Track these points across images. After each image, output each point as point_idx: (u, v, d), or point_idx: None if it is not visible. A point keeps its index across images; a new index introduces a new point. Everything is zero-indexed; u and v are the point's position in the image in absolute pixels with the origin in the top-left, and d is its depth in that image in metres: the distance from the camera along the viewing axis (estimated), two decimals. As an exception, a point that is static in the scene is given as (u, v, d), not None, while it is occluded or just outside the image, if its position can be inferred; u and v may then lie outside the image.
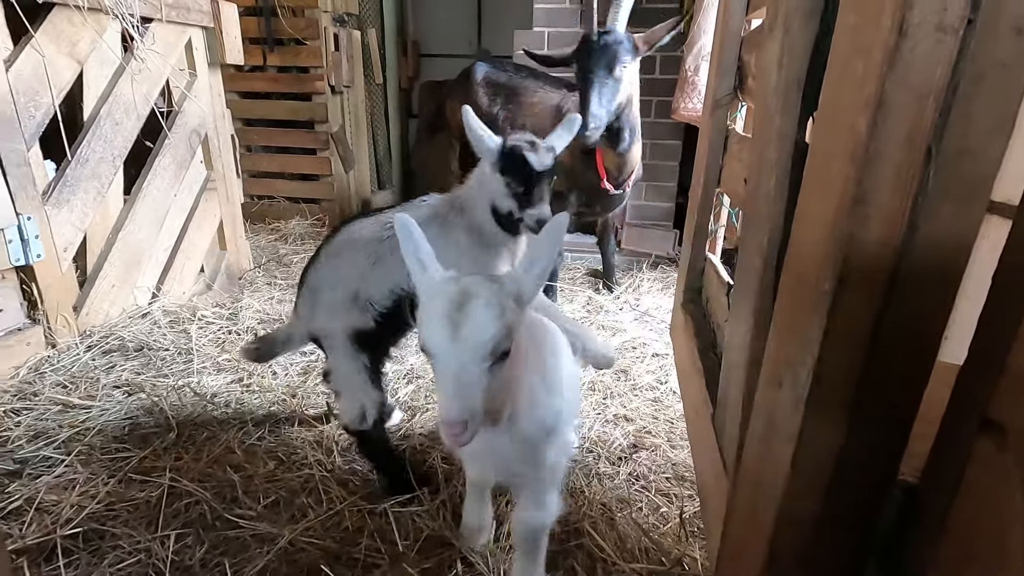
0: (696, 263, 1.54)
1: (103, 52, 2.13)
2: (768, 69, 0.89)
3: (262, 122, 4.05)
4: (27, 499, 1.36)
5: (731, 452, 0.85)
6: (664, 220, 3.46)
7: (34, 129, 1.90)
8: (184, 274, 2.59)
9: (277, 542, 1.27)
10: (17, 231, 1.85)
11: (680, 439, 1.72)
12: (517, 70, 2.78)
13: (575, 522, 1.35)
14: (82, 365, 1.96)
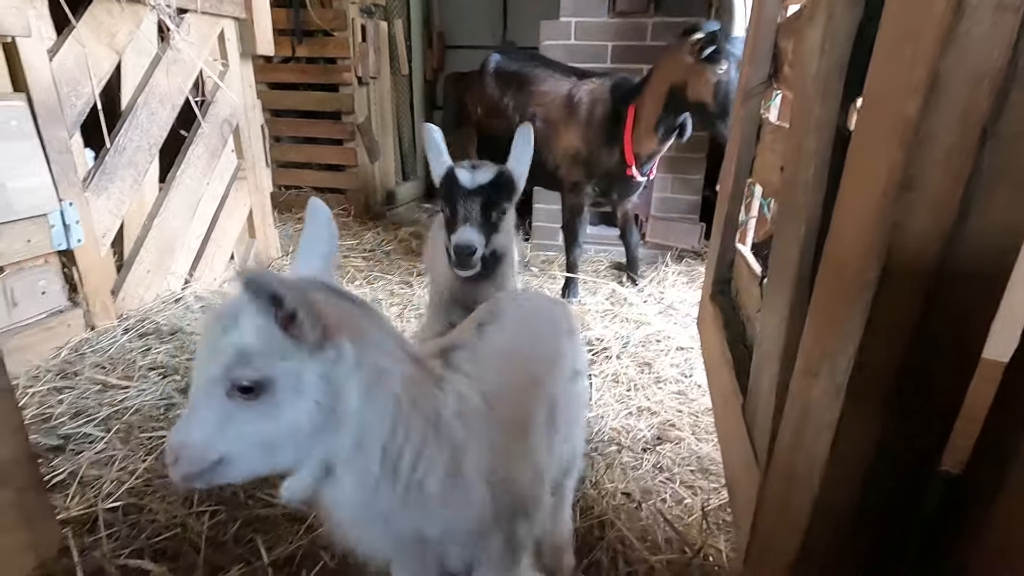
0: (725, 254, 1.52)
1: (140, 43, 2.18)
2: (808, 56, 0.88)
3: (290, 113, 4.11)
4: (71, 473, 1.42)
5: (762, 443, 0.84)
6: (690, 213, 3.41)
7: (75, 117, 1.96)
8: (215, 261, 2.65)
9: (306, 521, 1.30)
10: (59, 216, 1.91)
11: (705, 432, 1.71)
12: (529, 59, 2.77)
13: (599, 512, 1.36)
14: (119, 347, 2.03)
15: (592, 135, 2.49)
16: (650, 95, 2.34)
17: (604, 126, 2.46)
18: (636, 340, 2.26)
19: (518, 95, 2.69)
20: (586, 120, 2.51)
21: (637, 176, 2.51)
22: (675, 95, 2.27)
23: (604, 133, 2.46)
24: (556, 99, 2.60)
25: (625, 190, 2.63)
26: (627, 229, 2.91)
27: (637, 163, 2.48)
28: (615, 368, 2.05)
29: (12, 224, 1.77)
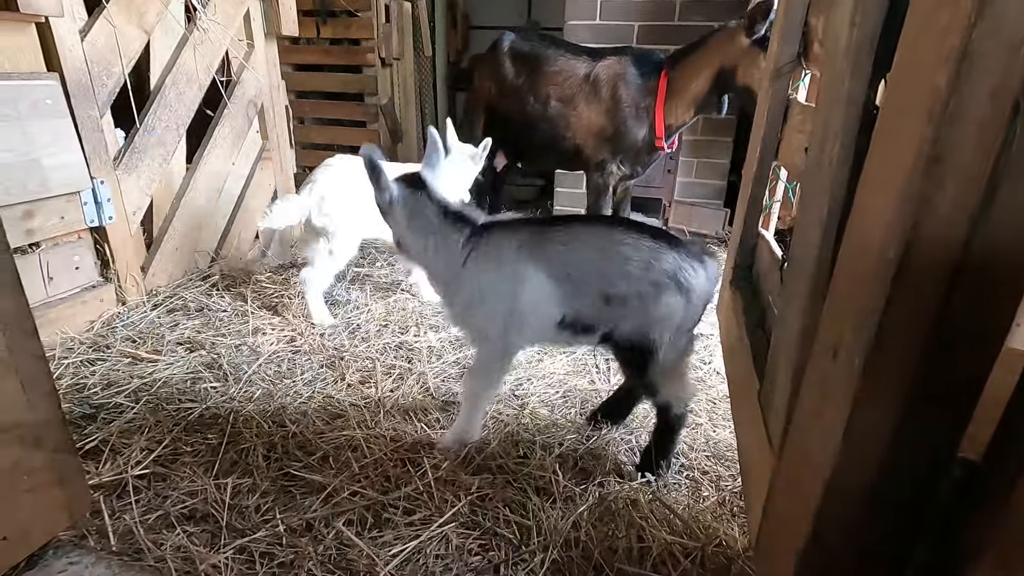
0: (747, 239, 1.49)
1: (168, 23, 2.21)
2: (838, 30, 0.84)
3: (314, 94, 4.13)
4: (102, 440, 1.47)
5: (777, 426, 0.83)
6: (714, 198, 3.35)
7: (106, 97, 2.01)
8: (240, 240, 2.70)
9: (325, 491, 1.34)
10: (91, 194, 1.97)
11: (722, 419, 1.69)
12: (542, 40, 2.74)
13: (614, 493, 1.36)
14: (149, 322, 2.09)
15: (618, 111, 2.47)
16: (694, 71, 2.34)
17: (632, 100, 2.45)
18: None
19: (532, 76, 2.67)
20: (610, 96, 2.49)
21: (665, 147, 2.49)
22: (724, 76, 2.27)
23: (632, 107, 2.44)
24: (573, 79, 2.58)
25: (648, 162, 2.61)
26: (623, 207, 2.88)
27: (667, 134, 2.46)
28: (633, 353, 2.04)
29: (47, 201, 1.83)
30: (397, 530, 1.25)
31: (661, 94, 2.40)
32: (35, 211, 1.81)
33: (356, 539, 1.20)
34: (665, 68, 2.40)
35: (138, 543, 1.17)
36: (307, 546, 1.18)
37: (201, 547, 1.18)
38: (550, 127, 2.65)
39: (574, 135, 2.62)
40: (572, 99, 2.57)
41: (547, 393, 1.81)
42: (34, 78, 1.76)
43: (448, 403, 1.74)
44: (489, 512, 1.30)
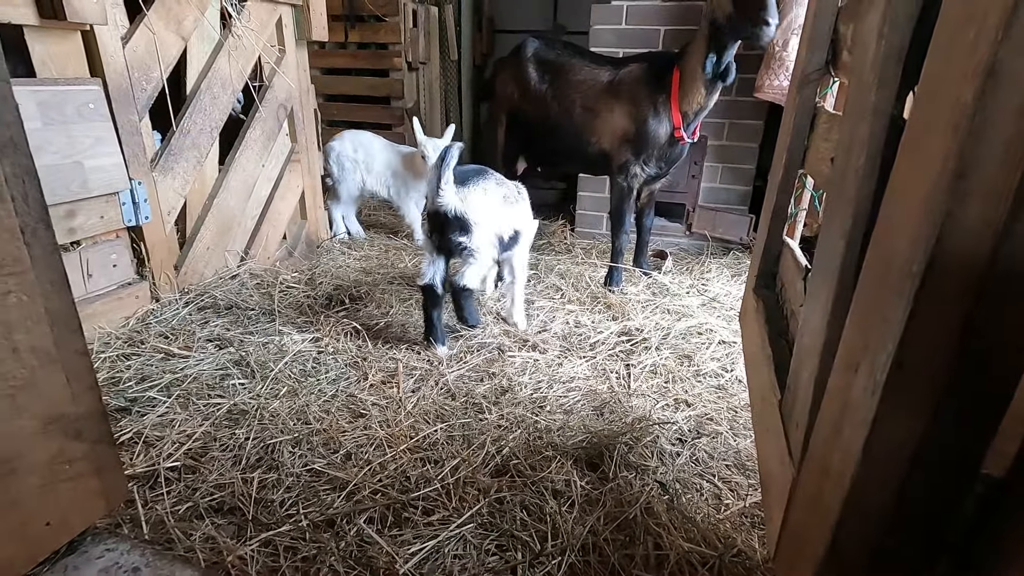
0: (772, 247, 1.47)
1: (204, 29, 2.28)
2: (867, 40, 0.84)
3: (342, 98, 4.21)
4: (136, 432, 1.53)
5: (798, 438, 0.83)
6: (739, 204, 3.31)
7: (145, 101, 2.08)
8: (269, 241, 2.77)
9: (347, 488, 1.37)
10: (129, 194, 2.04)
11: (744, 428, 1.68)
12: (566, 48, 2.75)
13: (634, 497, 1.36)
14: (181, 319, 2.16)
15: (639, 111, 2.49)
16: (693, 48, 2.35)
17: (650, 98, 2.46)
18: (677, 332, 2.23)
19: (556, 82, 2.69)
20: (631, 99, 2.51)
21: (684, 138, 2.48)
22: (714, 28, 2.23)
23: (651, 105, 2.46)
24: (597, 87, 2.61)
25: (672, 158, 2.60)
26: (647, 212, 2.86)
27: (684, 122, 2.46)
28: (654, 359, 2.04)
29: (88, 201, 1.91)
30: (416, 529, 1.27)
31: (675, 86, 2.41)
32: (77, 211, 1.89)
33: (377, 537, 1.23)
34: (676, 61, 2.41)
35: (169, 533, 1.22)
36: (329, 542, 1.21)
37: (228, 539, 1.22)
38: (574, 132, 2.66)
39: (599, 139, 2.63)
40: (596, 105, 2.59)
41: (566, 397, 1.82)
42: (78, 83, 1.84)
43: (469, 404, 1.76)
44: (507, 514, 1.32)
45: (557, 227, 3.68)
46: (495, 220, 2.00)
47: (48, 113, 1.74)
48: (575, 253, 3.23)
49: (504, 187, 2.10)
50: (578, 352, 2.11)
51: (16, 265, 0.78)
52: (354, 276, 2.72)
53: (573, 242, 3.44)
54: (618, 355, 2.09)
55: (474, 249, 1.96)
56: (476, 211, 1.94)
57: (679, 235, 3.45)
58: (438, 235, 1.94)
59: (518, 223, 2.13)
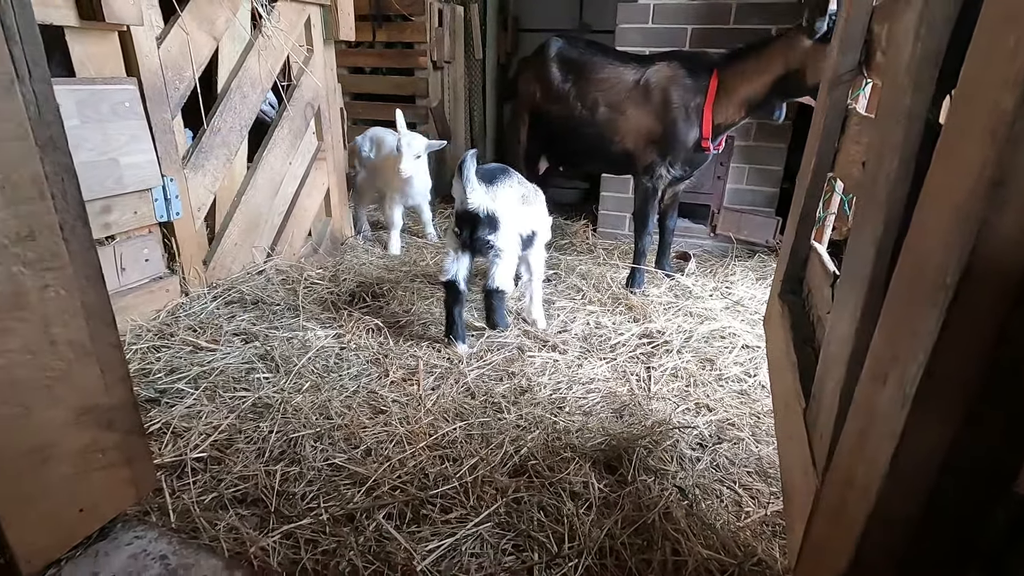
0: (799, 251, 1.45)
1: (235, 30, 2.33)
2: (902, 42, 0.82)
3: (367, 96, 4.25)
4: (165, 423, 1.57)
5: (822, 448, 0.81)
6: (766, 206, 3.26)
7: (177, 100, 2.14)
8: (294, 237, 2.82)
9: (367, 483, 1.39)
10: (162, 191, 2.10)
11: (766, 435, 1.65)
12: (589, 46, 2.73)
13: (653, 501, 1.35)
14: (209, 313, 2.21)
15: (668, 112, 2.46)
16: (749, 74, 2.30)
17: (682, 101, 2.43)
18: (699, 335, 2.21)
19: (580, 82, 2.67)
20: (661, 99, 2.47)
21: (711, 148, 2.45)
22: (788, 81, 2.22)
23: (682, 107, 2.43)
24: (622, 86, 2.57)
25: (697, 162, 2.57)
26: (670, 213, 2.83)
27: (714, 134, 2.43)
28: (675, 363, 2.02)
29: (123, 197, 1.97)
30: (434, 526, 1.28)
31: (711, 94, 2.37)
32: (112, 206, 1.95)
33: (395, 532, 1.24)
34: (717, 68, 2.36)
35: (195, 522, 1.25)
36: (349, 536, 1.23)
37: (251, 530, 1.25)
38: (597, 132, 2.64)
39: (623, 139, 2.60)
40: (621, 104, 2.56)
41: (585, 399, 1.81)
42: (115, 83, 1.90)
43: (488, 403, 1.76)
44: (524, 515, 1.32)
45: (579, 227, 3.66)
46: (518, 218, 2.03)
47: (85, 111, 1.80)
48: (597, 253, 3.21)
49: (523, 186, 2.13)
50: (598, 353, 2.10)
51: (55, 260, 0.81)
52: (377, 273, 2.75)
53: (595, 242, 3.42)
54: (639, 357, 2.08)
55: (501, 248, 1.99)
56: (504, 208, 1.97)
57: (703, 237, 3.40)
58: (468, 233, 1.96)
59: (535, 223, 2.16)
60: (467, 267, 2.04)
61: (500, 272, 2.02)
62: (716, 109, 2.37)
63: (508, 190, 2.02)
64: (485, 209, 1.94)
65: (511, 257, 2.04)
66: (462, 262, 2.02)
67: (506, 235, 1.99)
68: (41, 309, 0.81)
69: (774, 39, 2.25)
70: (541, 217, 2.23)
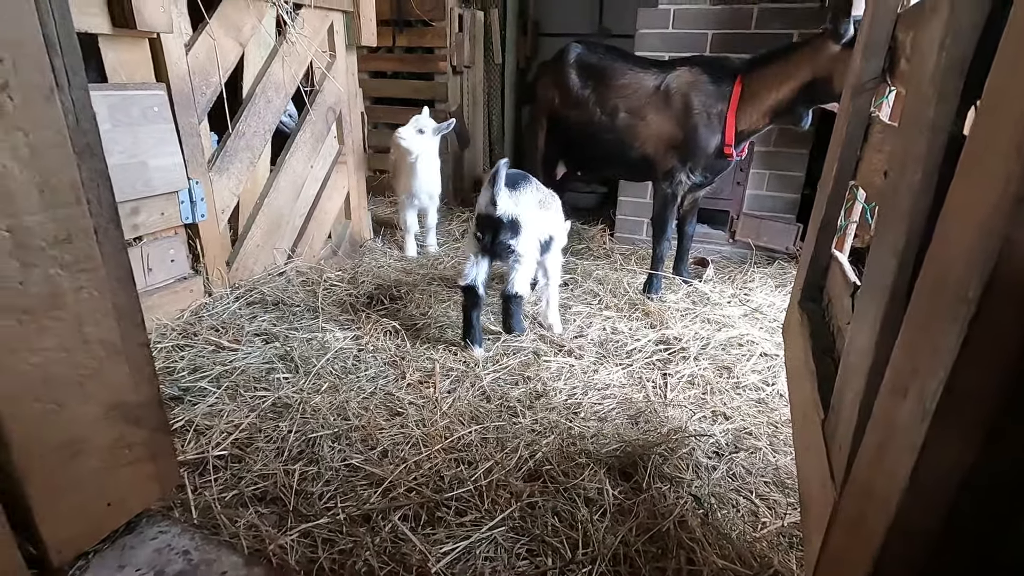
0: (819, 259, 1.43)
1: (261, 36, 2.38)
2: (927, 51, 0.81)
3: (388, 100, 4.30)
4: (188, 421, 1.61)
5: (840, 460, 0.81)
6: (786, 212, 3.22)
7: (204, 105, 2.19)
8: (315, 240, 2.86)
9: (383, 484, 1.40)
10: (188, 193, 2.15)
11: (784, 445, 1.63)
12: (609, 52, 2.72)
13: (668, 509, 1.35)
14: (231, 313, 2.26)
15: (689, 117, 2.44)
16: (775, 81, 2.28)
17: (703, 106, 2.41)
18: (717, 343, 2.19)
19: (599, 87, 2.66)
20: (682, 105, 2.46)
21: (734, 155, 2.43)
22: (815, 87, 2.20)
23: (704, 113, 2.41)
24: (642, 91, 2.56)
25: (718, 169, 2.56)
26: (689, 219, 2.81)
27: (736, 140, 2.41)
28: (692, 370, 2.00)
29: (151, 199, 2.02)
30: (449, 529, 1.29)
31: (735, 100, 2.35)
32: (140, 208, 2.00)
33: (410, 534, 1.26)
34: (740, 74, 2.34)
35: (216, 518, 1.27)
36: (365, 536, 1.25)
37: (270, 528, 1.27)
38: (617, 137, 2.64)
39: (643, 145, 2.59)
40: (641, 110, 2.55)
41: (601, 405, 1.81)
42: (145, 88, 1.95)
43: (503, 407, 1.77)
44: (538, 520, 1.32)
45: (596, 232, 3.66)
46: (537, 223, 2.05)
47: (116, 116, 1.85)
48: (614, 259, 3.21)
49: (541, 192, 2.15)
50: (614, 359, 2.09)
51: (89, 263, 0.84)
52: (395, 276, 2.78)
53: (612, 247, 3.42)
54: (655, 364, 2.07)
55: (521, 253, 2.01)
56: (526, 214, 1.99)
57: (722, 243, 3.38)
58: (489, 237, 1.98)
59: (552, 228, 2.17)
60: (486, 271, 2.06)
61: (519, 277, 2.04)
62: (739, 115, 2.35)
63: (529, 196, 2.04)
64: (508, 214, 1.95)
65: (530, 262, 2.06)
66: (481, 266, 2.04)
67: (527, 240, 2.01)
68: (75, 309, 0.84)
69: (801, 44, 2.22)
70: (558, 222, 2.24)
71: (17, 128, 0.74)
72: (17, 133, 0.74)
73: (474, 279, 2.03)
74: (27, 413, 0.81)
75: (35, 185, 0.77)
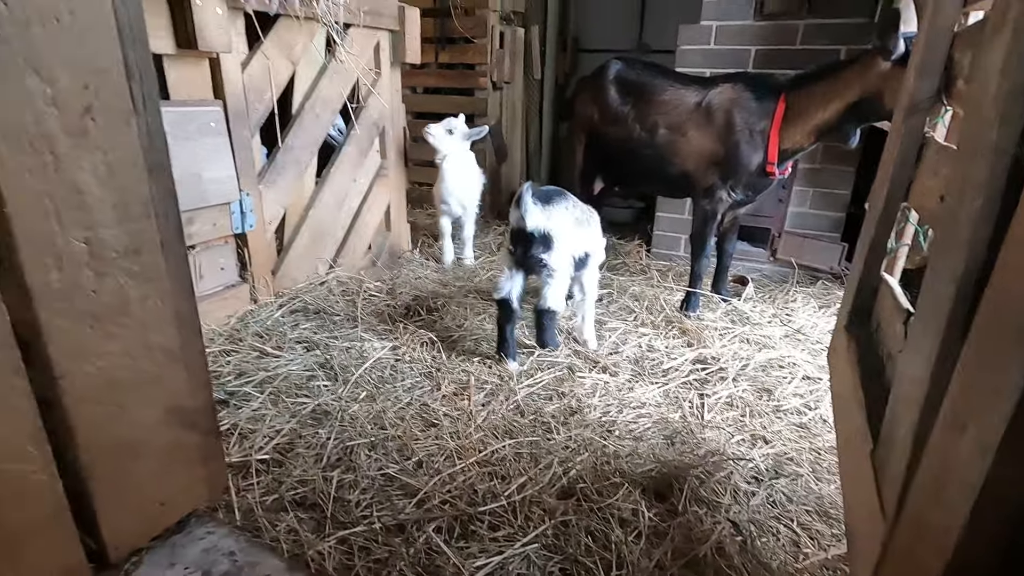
0: (868, 282, 1.39)
1: (311, 54, 2.48)
2: (988, 73, 0.79)
3: (428, 115, 4.39)
4: (232, 425, 1.67)
5: (892, 493, 0.78)
6: (831, 231, 3.13)
7: (256, 120, 2.29)
8: (355, 250, 2.93)
9: (417, 495, 1.42)
10: (239, 205, 2.24)
11: (828, 473, 1.58)
12: (648, 68, 2.72)
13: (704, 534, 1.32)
14: (274, 321, 2.33)
15: (731, 134, 2.41)
16: (822, 98, 2.23)
17: (746, 124, 2.38)
18: (756, 363, 2.14)
19: (639, 104, 2.66)
20: (724, 122, 2.43)
21: (776, 173, 2.39)
22: (865, 105, 2.15)
23: (746, 130, 2.38)
24: (683, 107, 2.55)
25: (760, 187, 2.52)
26: (729, 237, 2.76)
27: (780, 159, 2.37)
28: (730, 391, 1.96)
29: (204, 210, 2.12)
30: (482, 543, 1.30)
31: (778, 117, 2.31)
32: (194, 218, 2.10)
33: (444, 547, 1.27)
34: (785, 91, 2.31)
35: (257, 521, 1.31)
36: (400, 547, 1.27)
37: (309, 533, 1.30)
38: (656, 154, 2.63)
39: (683, 161, 2.58)
40: (682, 126, 2.54)
41: (636, 423, 1.79)
42: (204, 104, 2.06)
43: (537, 422, 1.77)
44: (572, 538, 1.32)
45: (632, 247, 3.64)
46: (571, 239, 2.05)
47: (176, 131, 1.95)
48: (650, 275, 3.18)
49: (578, 209, 2.16)
50: (650, 377, 2.07)
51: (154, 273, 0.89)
52: (431, 288, 2.82)
53: (649, 263, 3.39)
54: (692, 383, 2.04)
55: (554, 268, 2.01)
56: (559, 229, 2.00)
57: (762, 261, 3.31)
58: (522, 251, 2.00)
59: (589, 245, 2.17)
60: (520, 285, 2.07)
61: (552, 292, 2.05)
62: (783, 133, 2.31)
63: (563, 211, 2.05)
64: (539, 228, 1.97)
65: (563, 277, 2.06)
66: (516, 280, 2.06)
67: (559, 255, 2.02)
68: (141, 317, 0.89)
69: (850, 61, 2.18)
70: (595, 239, 2.24)
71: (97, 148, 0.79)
72: (97, 153, 0.79)
73: (508, 292, 2.04)
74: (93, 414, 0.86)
75: (110, 200, 0.82)
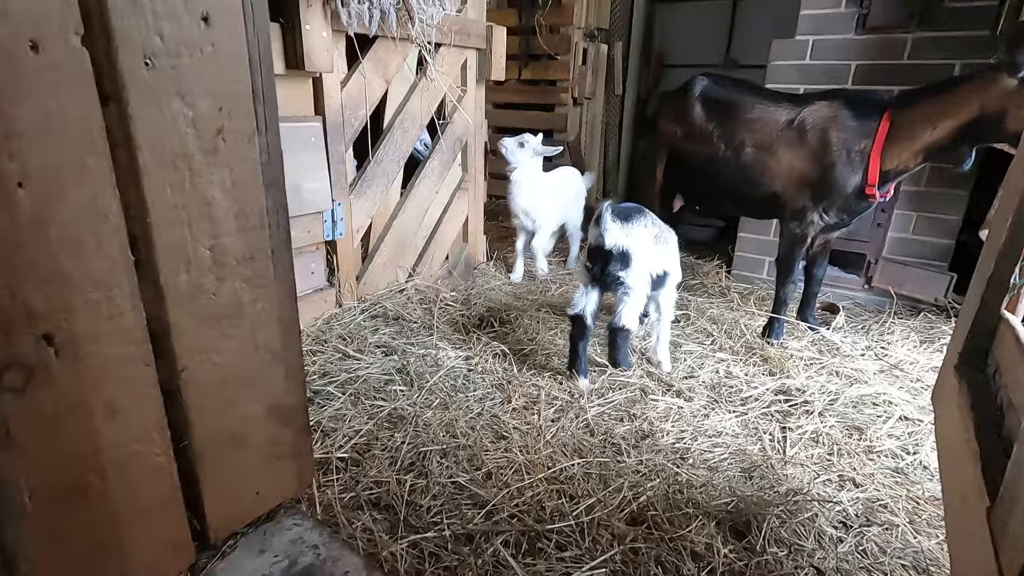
0: (984, 320, 1.27)
1: (404, 73, 2.60)
2: None
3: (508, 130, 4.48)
4: (316, 422, 1.76)
5: (1012, 560, 0.70)
6: (937, 260, 2.88)
7: (351, 135, 2.43)
8: (433, 260, 3.03)
9: (486, 507, 1.44)
10: (331, 214, 2.39)
11: (928, 526, 1.45)
12: (737, 85, 2.61)
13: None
14: (356, 324, 2.45)
15: (826, 155, 2.28)
16: (933, 117, 2.07)
17: (843, 143, 2.25)
18: (847, 399, 2.01)
19: (725, 122, 2.57)
20: (818, 141, 2.30)
21: (877, 196, 2.23)
22: (983, 125, 1.98)
23: (843, 151, 2.25)
24: (773, 125, 2.43)
25: (857, 211, 2.36)
26: (819, 261, 2.59)
27: (881, 181, 2.21)
28: (816, 426, 1.85)
29: (301, 218, 2.27)
30: (549, 562, 1.29)
31: (881, 136, 2.16)
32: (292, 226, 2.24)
33: (512, 561, 1.28)
34: (890, 109, 2.16)
35: (336, 518, 1.38)
36: (468, 556, 1.29)
37: (383, 534, 1.35)
38: (742, 174, 2.53)
39: (771, 182, 2.46)
40: (771, 146, 2.43)
41: (711, 453, 1.72)
42: (306, 120, 2.21)
43: (607, 443, 1.75)
44: (641, 567, 1.28)
45: (712, 268, 3.52)
46: (649, 257, 2.03)
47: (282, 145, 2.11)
48: (730, 297, 3.06)
49: (657, 227, 2.12)
50: (727, 405, 1.99)
51: (265, 279, 0.97)
52: (505, 300, 2.86)
53: (729, 285, 3.26)
54: (773, 415, 1.93)
55: (631, 285, 1.99)
56: (637, 246, 1.99)
57: (855, 288, 3.09)
58: (599, 267, 2.00)
59: (667, 264, 2.13)
60: (596, 302, 2.06)
61: (627, 310, 2.02)
62: (886, 154, 2.16)
63: (642, 229, 2.03)
64: (618, 245, 1.96)
65: (639, 296, 2.03)
66: (591, 297, 2.05)
67: (637, 273, 1.99)
68: (251, 319, 0.97)
69: (967, 78, 2.01)
70: (673, 258, 2.20)
71: (225, 164, 0.88)
72: (224, 169, 0.88)
73: (583, 309, 2.04)
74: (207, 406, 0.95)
75: (232, 212, 0.91)
